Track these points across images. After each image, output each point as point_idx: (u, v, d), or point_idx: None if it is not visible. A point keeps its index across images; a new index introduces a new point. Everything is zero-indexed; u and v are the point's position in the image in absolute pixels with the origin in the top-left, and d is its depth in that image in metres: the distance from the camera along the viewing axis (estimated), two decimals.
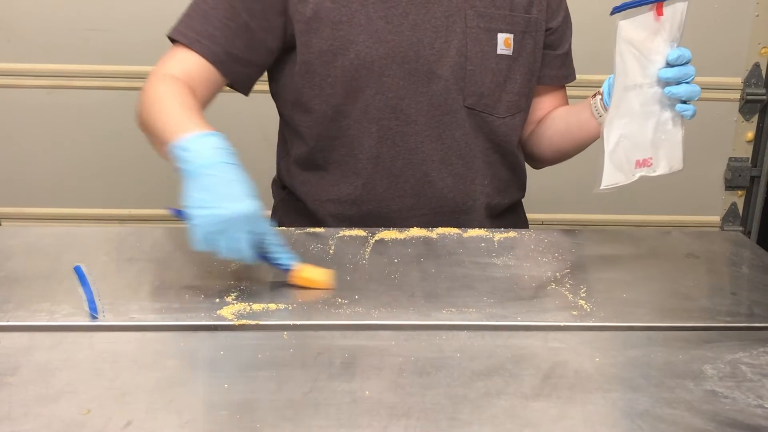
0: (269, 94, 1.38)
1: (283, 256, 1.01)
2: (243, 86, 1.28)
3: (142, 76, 2.22)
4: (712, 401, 0.81)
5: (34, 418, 0.75)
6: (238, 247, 0.96)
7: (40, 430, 0.73)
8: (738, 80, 2.37)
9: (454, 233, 1.22)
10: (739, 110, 2.40)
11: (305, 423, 0.75)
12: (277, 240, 1.01)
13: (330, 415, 0.76)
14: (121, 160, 2.29)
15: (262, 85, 1.34)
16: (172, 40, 1.23)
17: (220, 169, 0.98)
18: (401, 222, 1.29)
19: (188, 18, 1.22)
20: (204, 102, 1.22)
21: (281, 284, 1.03)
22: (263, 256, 1.00)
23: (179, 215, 0.99)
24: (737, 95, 2.38)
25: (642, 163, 1.13)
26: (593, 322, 0.96)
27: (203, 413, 0.76)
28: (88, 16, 2.19)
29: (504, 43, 1.27)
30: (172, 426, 0.74)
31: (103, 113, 2.25)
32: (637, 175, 1.13)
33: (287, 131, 1.35)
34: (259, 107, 1.60)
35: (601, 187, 1.12)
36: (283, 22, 1.23)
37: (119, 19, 2.17)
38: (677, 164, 1.15)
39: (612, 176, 1.12)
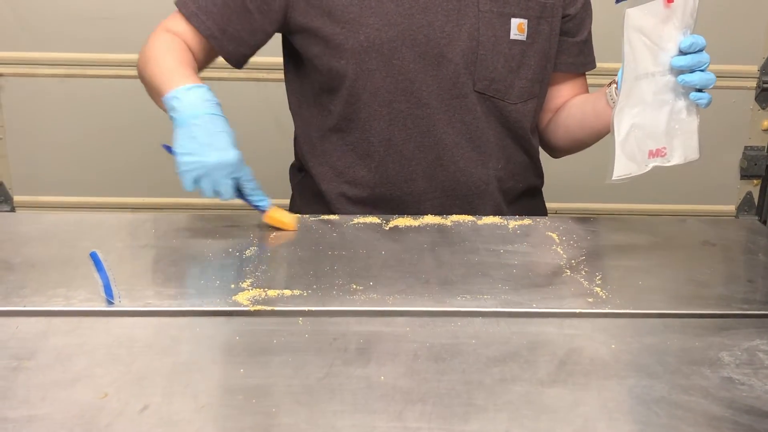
0: (280, 83, 1.38)
1: (259, 198, 1.13)
2: (236, 62, 1.31)
3: None
4: (729, 388, 0.81)
5: (51, 402, 0.75)
6: (220, 190, 1.10)
7: (57, 413, 0.73)
8: (754, 68, 2.35)
9: (468, 220, 1.21)
10: (755, 98, 2.38)
11: (320, 408, 0.75)
12: (255, 184, 1.13)
13: (345, 400, 0.77)
14: (135, 148, 2.29)
15: (274, 74, 1.34)
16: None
17: (207, 120, 1.09)
18: (414, 205, 1.29)
19: None
20: (200, 66, 1.27)
21: (296, 270, 1.03)
22: (242, 197, 1.13)
23: (170, 152, 1.11)
24: (753, 83, 2.36)
25: (655, 153, 1.12)
26: (609, 309, 0.96)
27: (219, 397, 0.77)
28: (101, 5, 2.19)
29: (517, 28, 1.27)
30: (188, 409, 0.74)
31: (117, 102, 2.26)
32: (651, 166, 1.12)
33: (308, 112, 1.35)
34: (272, 95, 1.60)
35: (613, 178, 1.11)
36: (284, 7, 1.24)
37: (133, 8, 2.17)
38: (693, 154, 1.13)
39: (624, 167, 1.11)
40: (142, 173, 2.33)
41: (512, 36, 1.27)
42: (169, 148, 1.11)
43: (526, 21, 1.27)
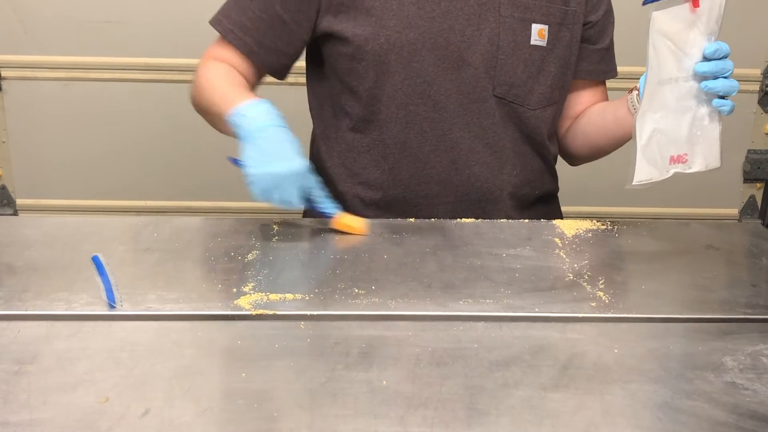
0: (291, 86, 1.38)
1: (327, 205, 1.15)
2: (279, 73, 1.33)
3: (159, 68, 2.25)
4: (732, 393, 0.80)
5: (53, 406, 0.75)
6: (289, 200, 1.11)
7: (58, 417, 0.73)
8: (757, 71, 2.34)
9: (471, 224, 1.21)
10: (758, 102, 2.37)
11: (322, 412, 0.75)
12: (322, 192, 1.15)
13: (347, 404, 0.76)
14: (138, 151, 2.30)
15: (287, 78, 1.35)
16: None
17: (272, 132, 1.11)
18: (427, 209, 1.29)
19: (227, 7, 1.28)
20: (251, 85, 1.30)
21: (298, 274, 1.03)
22: (310, 205, 1.15)
23: (236, 164, 1.12)
24: (756, 87, 2.36)
25: (677, 159, 1.10)
26: (612, 313, 0.95)
27: (220, 402, 0.77)
28: (104, 8, 2.19)
29: (538, 33, 1.27)
30: (189, 414, 0.74)
31: (120, 105, 2.26)
32: (672, 172, 1.10)
33: (328, 114, 1.35)
34: (283, 98, 1.59)
35: (634, 183, 1.09)
36: (317, 12, 1.25)
37: (135, 11, 2.18)
38: (714, 161, 1.12)
39: (645, 172, 1.09)
40: (144, 176, 2.33)
41: (532, 41, 1.27)
42: (235, 161, 1.13)
43: (546, 27, 1.27)
